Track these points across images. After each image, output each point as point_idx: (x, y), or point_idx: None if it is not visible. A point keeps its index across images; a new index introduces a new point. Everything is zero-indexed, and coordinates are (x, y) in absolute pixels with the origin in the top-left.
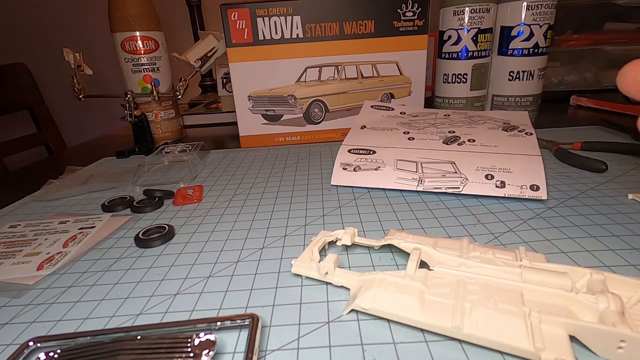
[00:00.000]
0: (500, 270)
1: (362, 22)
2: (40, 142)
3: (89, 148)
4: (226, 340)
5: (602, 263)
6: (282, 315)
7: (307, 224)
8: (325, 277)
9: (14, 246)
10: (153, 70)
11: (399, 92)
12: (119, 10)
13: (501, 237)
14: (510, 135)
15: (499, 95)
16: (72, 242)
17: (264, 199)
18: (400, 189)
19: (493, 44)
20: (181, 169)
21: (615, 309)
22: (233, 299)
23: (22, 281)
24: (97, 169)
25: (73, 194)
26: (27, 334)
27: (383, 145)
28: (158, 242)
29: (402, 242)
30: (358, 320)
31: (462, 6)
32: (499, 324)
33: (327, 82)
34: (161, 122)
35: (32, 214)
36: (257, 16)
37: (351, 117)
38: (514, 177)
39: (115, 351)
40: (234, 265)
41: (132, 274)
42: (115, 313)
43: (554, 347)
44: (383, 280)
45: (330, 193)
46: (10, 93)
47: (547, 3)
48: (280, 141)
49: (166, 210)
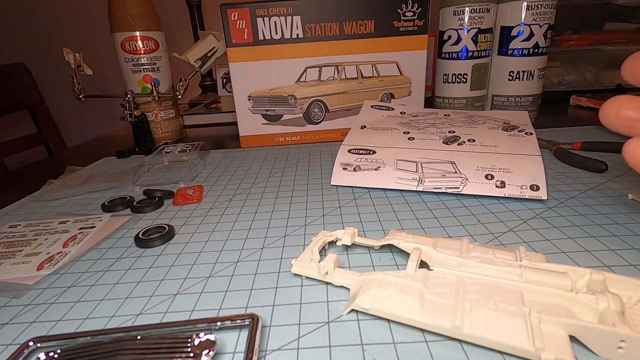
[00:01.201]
0: (500, 270)
1: (362, 22)
2: (40, 142)
3: (89, 148)
4: (226, 340)
5: (602, 263)
6: (282, 315)
7: (307, 224)
8: (325, 277)
9: (14, 246)
10: (153, 70)
11: (399, 92)
12: (119, 10)
13: (501, 237)
14: (510, 135)
15: (499, 95)
16: (72, 242)
17: (264, 199)
18: (400, 189)
19: (493, 44)
20: (181, 169)
21: (615, 309)
22: (233, 299)
23: (22, 281)
24: (97, 169)
25: (73, 194)
26: (27, 334)
27: (383, 145)
28: (158, 242)
29: (402, 242)
30: (358, 320)
31: (462, 6)
32: (499, 324)
33: (327, 82)
34: (161, 122)
35: (32, 214)
36: (257, 16)
37: (351, 117)
38: (514, 177)
39: (115, 351)
40: (234, 265)
41: (132, 274)
42: (115, 313)
43: (554, 347)
44: (383, 280)
45: (330, 193)
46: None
47: (547, 3)
48: (280, 141)
49: (166, 210)
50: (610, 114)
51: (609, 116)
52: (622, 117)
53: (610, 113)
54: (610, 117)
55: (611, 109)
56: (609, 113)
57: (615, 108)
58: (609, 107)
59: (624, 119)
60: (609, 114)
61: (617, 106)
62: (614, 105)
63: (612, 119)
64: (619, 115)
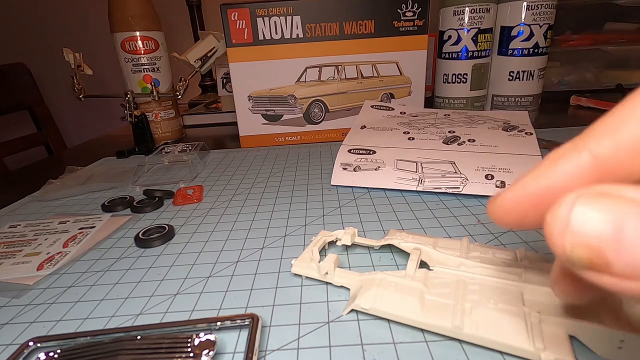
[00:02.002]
0: (500, 270)
1: (362, 22)
2: (40, 142)
3: (89, 148)
4: (226, 340)
5: None
6: (282, 315)
7: (307, 224)
8: (325, 277)
9: (14, 246)
10: (153, 70)
11: (399, 92)
12: (119, 10)
13: (501, 237)
14: (510, 135)
15: (499, 95)
16: (72, 242)
17: (264, 199)
18: (400, 189)
19: (493, 44)
20: (181, 169)
21: (615, 309)
22: (233, 299)
23: (22, 281)
24: (97, 169)
25: (73, 194)
26: (27, 334)
27: (383, 145)
28: (158, 242)
29: (402, 242)
30: (358, 320)
31: (462, 6)
32: (499, 324)
33: (327, 82)
34: (161, 122)
35: (32, 214)
36: (257, 16)
37: (351, 117)
38: (514, 177)
39: (115, 351)
40: (234, 265)
41: (132, 274)
42: (115, 313)
43: (554, 347)
44: (383, 280)
45: (330, 193)
46: (10, 93)
47: (547, 3)
48: (280, 141)
49: (166, 210)
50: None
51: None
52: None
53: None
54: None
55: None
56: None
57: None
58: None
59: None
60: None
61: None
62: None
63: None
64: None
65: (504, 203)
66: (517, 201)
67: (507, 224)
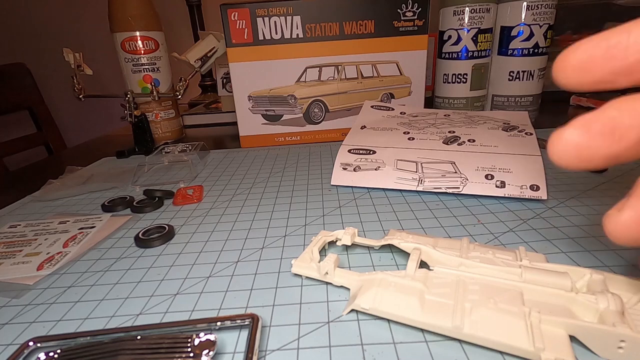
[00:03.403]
0: (500, 270)
1: (362, 22)
2: (40, 142)
3: (89, 148)
4: (226, 340)
5: (602, 263)
6: (282, 315)
7: (307, 224)
8: (325, 277)
9: (14, 246)
10: (153, 70)
11: (399, 92)
12: (119, 10)
13: (501, 237)
14: (510, 135)
15: (499, 95)
16: (72, 242)
17: (264, 199)
18: (400, 189)
19: (493, 44)
20: (181, 169)
21: (615, 309)
22: (233, 299)
23: (22, 281)
24: (97, 169)
25: (73, 194)
26: (27, 334)
27: (383, 145)
28: (158, 242)
29: (402, 242)
30: (358, 320)
31: (462, 6)
32: (499, 324)
33: (327, 82)
34: (161, 122)
35: (32, 214)
36: (257, 16)
37: (351, 117)
38: (514, 177)
39: (115, 351)
40: (234, 265)
41: (132, 274)
42: (115, 313)
43: (554, 347)
44: (383, 280)
45: (330, 193)
46: (10, 93)
47: (547, 3)
48: (280, 141)
49: (166, 210)
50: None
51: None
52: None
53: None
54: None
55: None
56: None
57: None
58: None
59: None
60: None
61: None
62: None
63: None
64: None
65: (578, 55)
66: (590, 52)
67: (577, 79)
